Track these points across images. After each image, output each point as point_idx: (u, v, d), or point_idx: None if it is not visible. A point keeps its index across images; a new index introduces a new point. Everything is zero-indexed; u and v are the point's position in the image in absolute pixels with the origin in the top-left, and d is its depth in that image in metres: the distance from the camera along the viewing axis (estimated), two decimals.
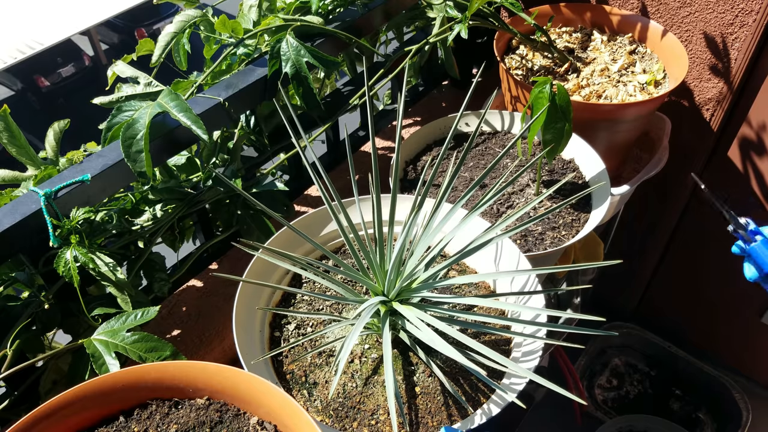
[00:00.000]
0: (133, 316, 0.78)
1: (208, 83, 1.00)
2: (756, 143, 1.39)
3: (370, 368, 0.79)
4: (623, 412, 1.79)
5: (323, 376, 0.78)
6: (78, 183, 0.79)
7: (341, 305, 0.87)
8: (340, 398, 0.76)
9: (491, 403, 0.75)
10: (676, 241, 1.72)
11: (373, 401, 0.76)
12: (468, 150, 0.79)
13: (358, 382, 0.78)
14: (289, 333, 0.83)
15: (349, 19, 1.09)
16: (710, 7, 1.27)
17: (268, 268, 0.87)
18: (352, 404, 0.76)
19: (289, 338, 0.83)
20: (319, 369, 0.79)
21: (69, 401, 0.62)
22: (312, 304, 0.88)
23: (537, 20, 1.21)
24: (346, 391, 0.77)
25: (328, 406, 0.76)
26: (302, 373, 0.78)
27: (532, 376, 0.66)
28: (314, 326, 0.85)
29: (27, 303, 0.82)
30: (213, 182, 0.99)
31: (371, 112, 0.80)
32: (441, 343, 0.67)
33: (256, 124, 1.09)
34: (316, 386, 0.77)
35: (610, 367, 1.97)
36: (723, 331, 1.85)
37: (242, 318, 0.79)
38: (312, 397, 0.76)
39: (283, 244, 0.89)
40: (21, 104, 8.21)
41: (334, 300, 0.86)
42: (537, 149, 1.19)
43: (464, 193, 0.78)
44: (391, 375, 0.66)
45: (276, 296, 0.88)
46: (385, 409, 0.75)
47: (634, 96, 1.18)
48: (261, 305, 0.84)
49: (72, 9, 7.35)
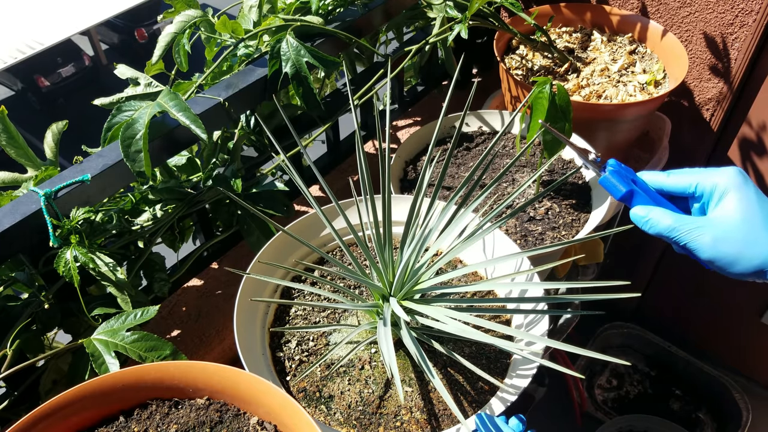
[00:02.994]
0: (132, 316, 0.78)
1: (208, 83, 1.00)
2: (756, 143, 1.39)
3: (382, 371, 0.79)
4: (623, 412, 1.79)
5: (337, 388, 0.77)
6: (78, 183, 0.79)
7: (337, 314, 0.86)
8: (360, 406, 0.76)
9: (504, 392, 0.76)
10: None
11: (392, 403, 0.76)
12: (453, 148, 0.79)
13: (374, 387, 0.77)
14: (292, 351, 0.82)
15: (349, 19, 1.09)
16: (710, 7, 1.27)
17: (260, 285, 0.86)
18: (372, 410, 0.75)
19: (293, 356, 0.81)
20: (332, 381, 0.78)
21: (69, 401, 0.62)
22: (308, 318, 0.86)
23: (537, 20, 1.21)
24: (364, 398, 0.76)
25: (350, 416, 0.75)
26: (315, 389, 0.77)
27: (543, 362, 0.67)
28: (316, 339, 0.83)
29: (27, 303, 0.82)
30: (213, 182, 0.99)
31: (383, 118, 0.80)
32: (468, 330, 0.67)
33: (256, 124, 1.10)
34: (332, 399, 0.76)
35: (610, 367, 1.97)
36: (723, 331, 1.85)
37: (245, 341, 0.77)
38: (331, 411, 0.75)
39: (280, 248, 0.88)
40: (21, 104, 8.22)
41: (333, 307, 0.85)
42: (537, 149, 1.19)
43: (457, 190, 0.78)
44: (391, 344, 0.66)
45: (270, 315, 0.86)
46: (407, 409, 0.75)
47: (634, 96, 1.18)
48: (258, 324, 0.82)
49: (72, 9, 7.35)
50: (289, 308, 0.87)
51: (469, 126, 1.22)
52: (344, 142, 1.31)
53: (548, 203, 1.09)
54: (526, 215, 1.07)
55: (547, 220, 1.06)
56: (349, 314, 0.85)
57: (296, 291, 0.89)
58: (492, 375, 0.78)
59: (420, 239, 0.74)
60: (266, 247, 0.86)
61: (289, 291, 0.89)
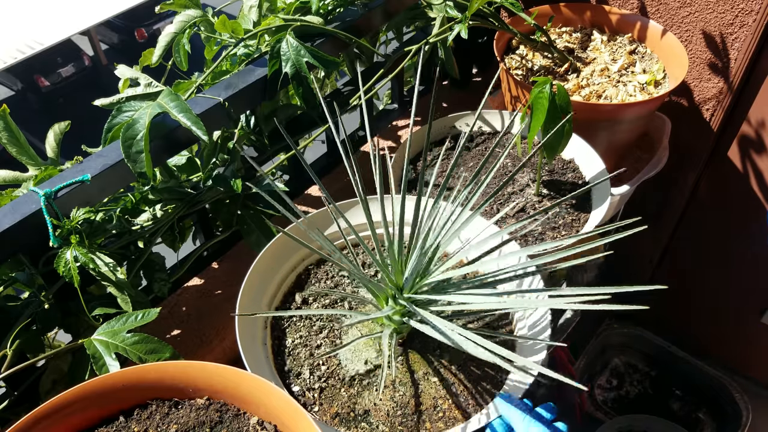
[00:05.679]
0: (134, 317, 0.78)
1: (208, 83, 1.00)
2: (756, 143, 1.39)
3: (404, 371, 0.78)
4: (623, 412, 1.79)
5: (369, 402, 0.75)
6: (78, 183, 0.79)
7: (334, 322, 0.84)
8: (399, 411, 0.75)
9: (514, 382, 0.76)
10: (676, 241, 1.72)
11: (427, 396, 0.76)
12: (461, 149, 0.79)
13: (403, 389, 0.76)
14: (308, 381, 0.78)
15: (349, 19, 1.09)
16: (710, 7, 1.27)
17: (261, 286, 0.84)
18: (411, 410, 0.74)
19: (312, 386, 0.77)
20: (361, 397, 0.76)
21: (69, 401, 0.62)
22: (308, 344, 0.82)
23: (537, 20, 1.21)
24: (398, 401, 0.75)
25: (393, 424, 0.73)
26: (348, 410, 0.75)
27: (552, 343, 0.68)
28: (326, 362, 0.79)
29: (27, 303, 0.82)
30: (213, 182, 0.99)
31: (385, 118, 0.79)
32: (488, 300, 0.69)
33: (256, 124, 1.09)
34: (369, 414, 0.74)
35: (610, 367, 1.97)
36: (723, 331, 1.85)
37: (247, 343, 0.76)
38: (373, 425, 0.73)
39: (279, 250, 0.87)
40: (21, 104, 8.22)
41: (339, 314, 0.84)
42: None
43: (463, 191, 0.78)
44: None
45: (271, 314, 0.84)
46: (444, 398, 0.75)
47: (634, 96, 1.18)
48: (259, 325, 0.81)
49: (72, 9, 7.35)
50: (286, 330, 0.84)
51: (469, 126, 1.22)
52: (344, 142, 1.31)
53: (548, 203, 1.09)
54: (526, 215, 1.07)
55: (547, 220, 1.06)
56: (348, 327, 0.84)
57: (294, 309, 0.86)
58: (492, 374, 0.78)
59: (433, 239, 0.75)
60: (262, 254, 0.85)
61: (287, 298, 0.88)
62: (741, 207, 1.51)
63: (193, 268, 1.11)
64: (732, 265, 1.67)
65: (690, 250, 1.73)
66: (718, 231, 1.63)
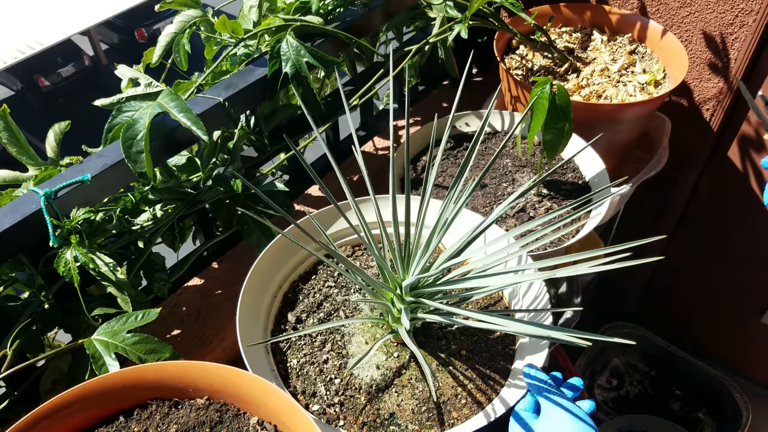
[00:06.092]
0: (134, 318, 0.78)
1: (208, 83, 1.00)
2: (756, 143, 1.39)
3: (416, 367, 0.78)
4: (623, 412, 1.79)
5: (392, 404, 0.75)
6: (78, 183, 0.79)
7: (335, 334, 0.83)
8: (423, 407, 0.75)
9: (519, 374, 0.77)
10: (677, 241, 1.72)
11: (446, 386, 0.76)
12: (472, 151, 0.79)
13: (421, 386, 0.76)
14: (325, 397, 0.76)
15: (349, 19, 1.09)
16: (710, 7, 1.27)
17: (262, 286, 0.84)
18: (434, 404, 0.75)
19: (332, 402, 0.76)
20: (382, 402, 0.75)
21: (69, 401, 0.62)
22: (313, 349, 0.81)
23: (537, 20, 1.21)
24: (419, 397, 0.75)
25: (421, 421, 0.73)
26: (374, 417, 0.74)
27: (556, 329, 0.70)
28: (337, 373, 0.78)
29: (27, 303, 0.82)
30: (213, 182, 0.99)
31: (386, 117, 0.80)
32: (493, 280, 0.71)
33: (256, 124, 1.09)
34: (395, 416, 0.74)
35: (610, 367, 1.97)
36: (723, 331, 1.85)
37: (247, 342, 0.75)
38: (401, 426, 0.73)
39: (278, 252, 0.87)
40: (21, 104, 8.21)
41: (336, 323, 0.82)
42: (537, 149, 1.19)
43: (467, 191, 0.78)
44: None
45: (271, 317, 0.84)
46: (462, 385, 0.76)
47: (634, 96, 1.18)
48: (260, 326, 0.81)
49: (72, 9, 7.35)
50: (287, 352, 0.82)
51: (469, 126, 1.22)
52: (344, 141, 1.31)
53: (548, 203, 1.09)
54: (526, 215, 1.07)
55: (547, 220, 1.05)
56: (350, 336, 0.83)
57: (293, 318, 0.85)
58: (499, 361, 0.79)
59: (437, 237, 0.75)
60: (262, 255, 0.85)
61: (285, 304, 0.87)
62: (741, 207, 1.51)
63: (193, 268, 1.11)
64: (732, 264, 1.67)
65: (690, 250, 1.73)
66: (718, 231, 1.63)
